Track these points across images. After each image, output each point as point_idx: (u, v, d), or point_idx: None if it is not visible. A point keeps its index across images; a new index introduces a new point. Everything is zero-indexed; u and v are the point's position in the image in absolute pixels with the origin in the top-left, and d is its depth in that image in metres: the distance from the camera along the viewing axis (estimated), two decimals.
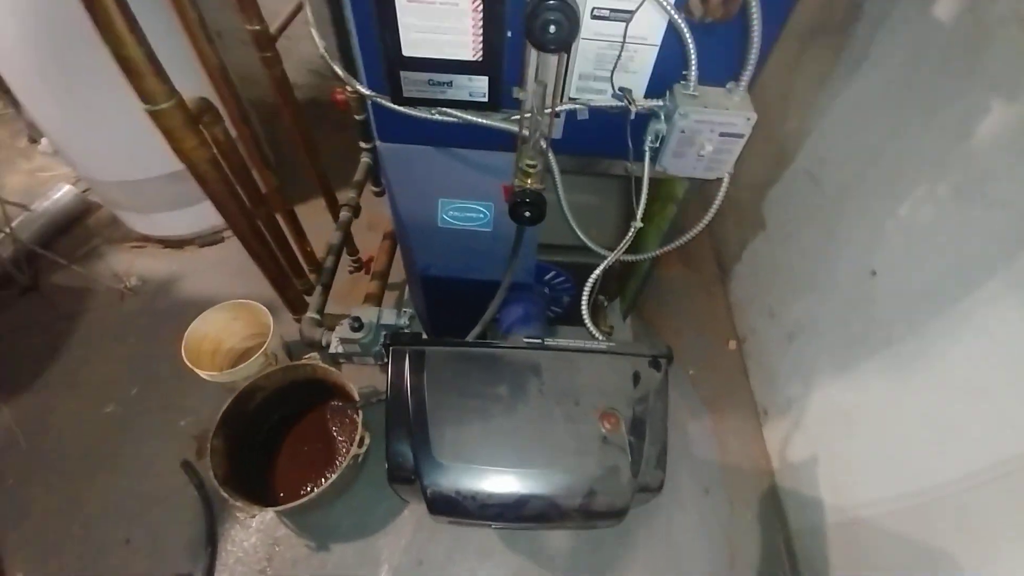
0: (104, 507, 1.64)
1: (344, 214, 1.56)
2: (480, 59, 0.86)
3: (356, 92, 1.03)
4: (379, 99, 1.01)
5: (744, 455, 1.85)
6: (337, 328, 1.25)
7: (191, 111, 0.97)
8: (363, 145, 1.76)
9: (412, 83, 0.90)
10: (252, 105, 2.27)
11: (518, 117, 0.95)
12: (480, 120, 0.99)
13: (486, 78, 0.89)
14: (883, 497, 1.31)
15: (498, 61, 0.87)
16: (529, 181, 1.02)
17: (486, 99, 0.93)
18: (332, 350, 1.28)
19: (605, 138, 1.14)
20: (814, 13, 1.77)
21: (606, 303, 1.86)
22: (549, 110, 0.93)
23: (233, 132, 1.20)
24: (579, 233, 1.25)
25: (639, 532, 1.66)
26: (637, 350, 1.11)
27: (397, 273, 1.88)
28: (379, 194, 1.96)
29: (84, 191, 2.34)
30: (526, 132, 0.96)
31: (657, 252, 1.33)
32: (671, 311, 2.22)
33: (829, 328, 1.58)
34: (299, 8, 1.35)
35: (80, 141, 1.86)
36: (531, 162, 1.01)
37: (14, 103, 2.45)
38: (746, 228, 2.14)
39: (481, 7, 0.79)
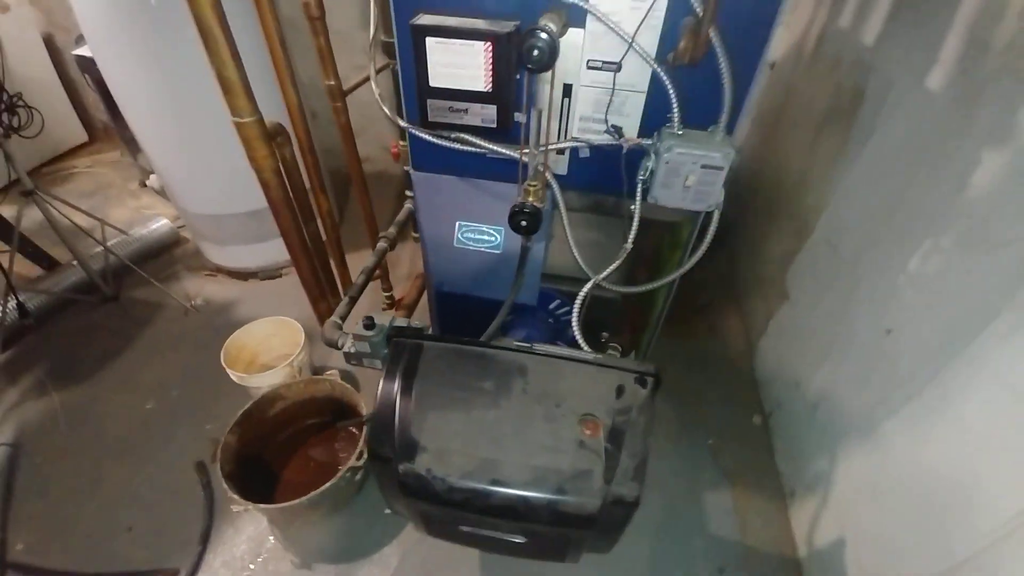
0: (119, 494, 1.73)
1: (381, 244, 1.76)
2: (490, 90, 1.05)
3: (397, 124, 1.26)
4: (413, 129, 1.23)
5: (767, 537, 1.68)
6: (353, 327, 1.37)
7: (267, 128, 1.23)
8: (408, 194, 2.01)
9: (436, 109, 1.11)
10: (329, 173, 2.68)
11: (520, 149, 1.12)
12: (490, 146, 1.17)
13: (495, 107, 1.08)
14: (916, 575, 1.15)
15: (506, 92, 1.06)
16: (530, 198, 1.16)
17: (495, 125, 1.11)
18: (345, 349, 1.39)
19: (605, 175, 1.28)
20: (826, 100, 1.93)
21: (619, 354, 1.87)
22: (544, 142, 1.09)
23: (299, 159, 1.46)
24: (579, 260, 1.35)
25: None
26: (624, 365, 1.13)
27: (424, 311, 2.02)
28: (417, 240, 2.18)
29: (179, 226, 2.77)
30: (526, 159, 1.13)
31: (657, 283, 1.38)
32: (695, 381, 2.16)
33: (850, 392, 1.50)
34: (367, 78, 1.68)
35: (182, 175, 2.27)
36: (533, 182, 1.16)
37: (132, 151, 3.03)
38: (771, 300, 2.13)
39: (491, 48, 1.00)
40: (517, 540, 1.10)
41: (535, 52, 0.86)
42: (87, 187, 3.31)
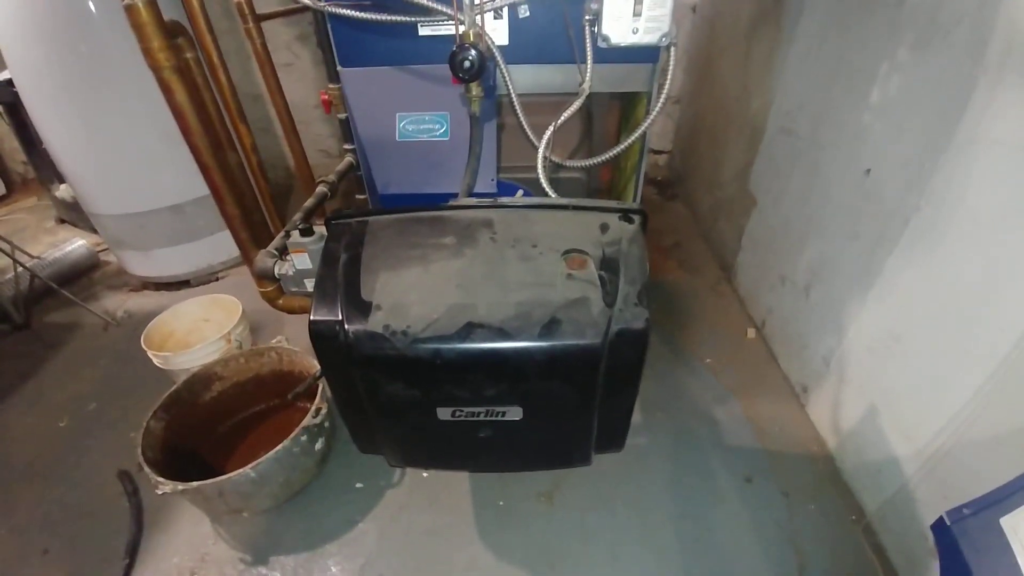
0: (31, 517, 1.39)
1: (320, 188, 1.58)
2: None
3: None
4: (339, 9, 1.11)
5: (790, 441, 1.51)
6: (288, 241, 1.17)
7: (165, 22, 1.07)
8: (346, 147, 1.86)
9: None
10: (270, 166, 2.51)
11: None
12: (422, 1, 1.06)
13: None
14: (961, 403, 1.01)
15: None
16: (470, 40, 1.04)
17: None
18: (281, 271, 1.18)
19: (551, 40, 1.20)
20: (750, 8, 1.98)
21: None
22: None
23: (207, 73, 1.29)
24: (533, 139, 1.23)
25: (666, 533, 1.28)
26: (604, 205, 0.99)
27: None
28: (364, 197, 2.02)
29: (99, 249, 2.48)
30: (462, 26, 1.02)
31: (623, 146, 1.25)
32: (678, 314, 2.04)
33: (842, 251, 1.41)
34: None
35: (91, 173, 2.04)
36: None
37: (47, 185, 2.77)
38: (738, 217, 2.08)
39: None
40: (513, 418, 0.89)
41: None
42: (1, 231, 2.97)
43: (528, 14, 1.18)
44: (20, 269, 2.13)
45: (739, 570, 1.22)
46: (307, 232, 1.14)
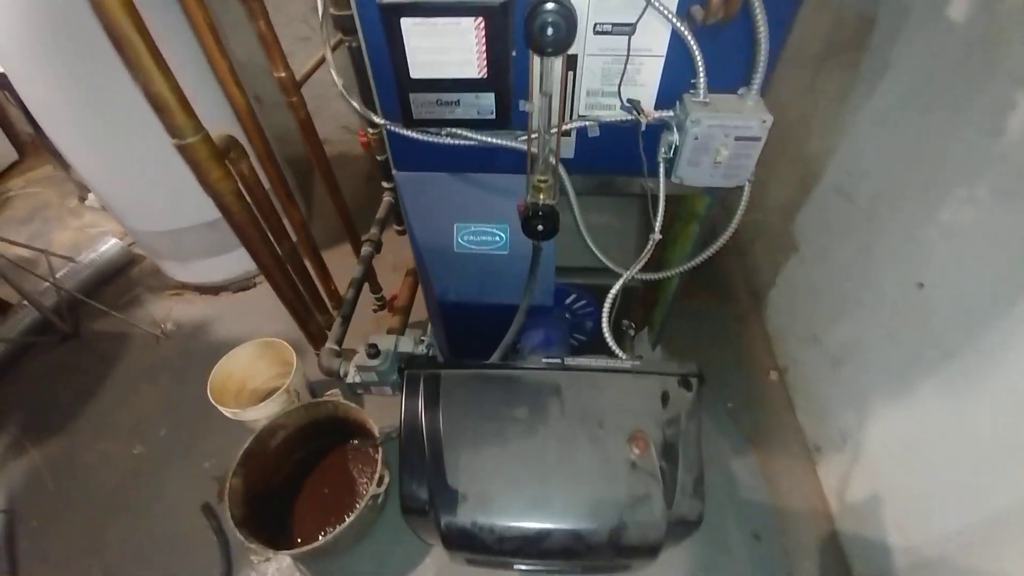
0: (123, 551, 1.61)
1: (365, 249, 1.59)
2: (485, 76, 0.88)
3: (371, 123, 1.07)
4: (392, 126, 1.04)
5: (797, 497, 1.68)
6: (355, 357, 1.23)
7: (217, 146, 1.03)
8: (385, 185, 1.81)
9: (421, 104, 0.93)
10: (287, 162, 2.42)
11: (526, 136, 0.96)
12: (489, 139, 1.01)
13: (492, 94, 0.91)
14: (956, 530, 1.15)
15: (504, 76, 0.89)
16: (541, 196, 1.01)
17: (494, 116, 0.94)
18: (350, 380, 1.26)
19: (619, 155, 1.13)
20: (826, 34, 1.78)
21: (632, 331, 1.78)
22: (556, 125, 0.93)
23: (260, 170, 1.25)
24: (596, 252, 1.22)
25: None
26: (664, 369, 1.04)
27: (420, 311, 1.88)
28: (402, 232, 2.00)
29: (130, 244, 2.50)
30: (535, 149, 0.96)
31: (681, 268, 1.27)
32: (704, 342, 2.11)
33: (879, 349, 1.46)
34: (323, 59, 1.45)
35: (123, 194, 2.00)
36: (542, 177, 1.01)
37: (64, 164, 2.69)
38: (777, 252, 2.06)
39: (483, 25, 0.81)
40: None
41: (549, 31, 0.69)
42: (24, 211, 2.96)
43: (598, 134, 1.11)
44: (58, 275, 2.18)
45: None
46: (373, 355, 1.20)
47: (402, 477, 0.95)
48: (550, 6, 0.68)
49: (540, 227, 0.99)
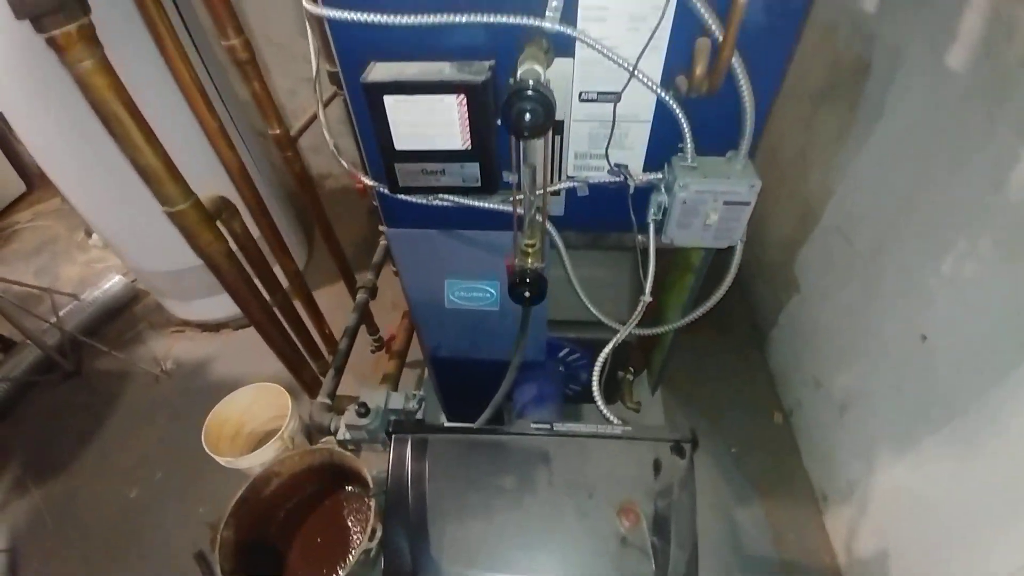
0: None
1: (360, 296, 1.59)
2: (469, 147, 0.88)
3: (361, 182, 1.08)
4: (381, 188, 1.05)
5: (804, 549, 1.62)
6: (345, 414, 1.22)
7: (208, 209, 1.03)
8: (382, 228, 1.82)
9: (407, 174, 0.93)
10: (289, 196, 2.44)
11: (512, 198, 0.95)
12: (475, 203, 1.01)
13: (477, 164, 0.90)
14: None
15: (488, 147, 0.88)
16: (529, 260, 1.00)
17: (479, 183, 0.93)
18: (340, 437, 1.24)
19: (609, 212, 1.12)
20: (823, 73, 1.77)
21: (632, 377, 1.76)
22: (541, 190, 0.92)
23: (252, 226, 1.26)
24: (590, 307, 1.21)
25: None
26: (656, 435, 1.01)
27: (418, 351, 1.87)
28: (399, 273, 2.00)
29: (133, 280, 2.53)
30: (520, 211, 0.96)
31: (677, 325, 1.26)
32: (706, 382, 2.07)
33: (884, 399, 1.42)
34: (315, 116, 1.46)
35: (124, 234, 2.03)
36: (529, 241, 1.00)
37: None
38: (779, 289, 2.03)
39: (465, 101, 0.81)
40: None
41: (527, 117, 0.69)
42: (31, 245, 3.01)
43: (587, 193, 1.11)
44: (61, 314, 2.20)
45: None
46: (363, 414, 1.18)
47: (386, 546, 0.93)
48: (527, 93, 0.68)
49: (527, 293, 0.98)
